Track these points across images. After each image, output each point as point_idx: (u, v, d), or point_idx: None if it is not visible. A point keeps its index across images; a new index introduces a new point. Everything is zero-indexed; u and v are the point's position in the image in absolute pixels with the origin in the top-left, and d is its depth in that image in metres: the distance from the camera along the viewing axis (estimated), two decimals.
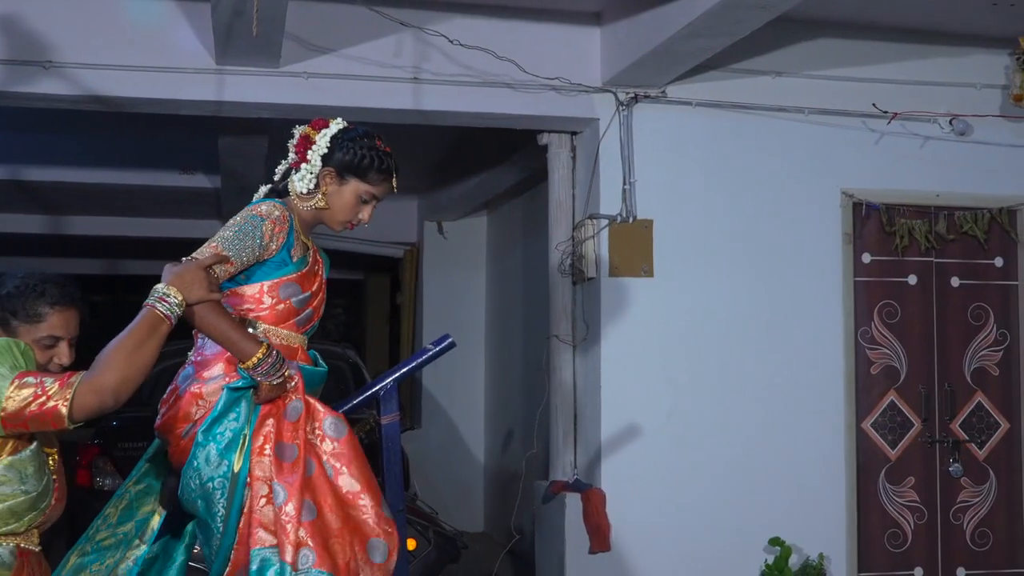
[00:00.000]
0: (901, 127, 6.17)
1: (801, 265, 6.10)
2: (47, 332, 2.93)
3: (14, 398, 2.63)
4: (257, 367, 3.17)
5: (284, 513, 3.15)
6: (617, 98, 5.95)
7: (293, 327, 3.37)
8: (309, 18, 5.54)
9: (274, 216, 3.28)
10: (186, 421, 3.27)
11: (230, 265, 3.20)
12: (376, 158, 3.40)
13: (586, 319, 6.07)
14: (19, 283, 2.95)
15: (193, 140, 7.93)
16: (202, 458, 3.20)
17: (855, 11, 5.75)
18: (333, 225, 3.46)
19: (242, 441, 3.21)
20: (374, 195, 3.43)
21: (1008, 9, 5.48)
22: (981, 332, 6.31)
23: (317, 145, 3.38)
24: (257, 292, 3.31)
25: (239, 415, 3.23)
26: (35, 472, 2.78)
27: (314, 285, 3.43)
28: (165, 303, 2.90)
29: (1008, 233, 6.32)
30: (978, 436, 6.27)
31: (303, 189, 3.39)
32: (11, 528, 2.76)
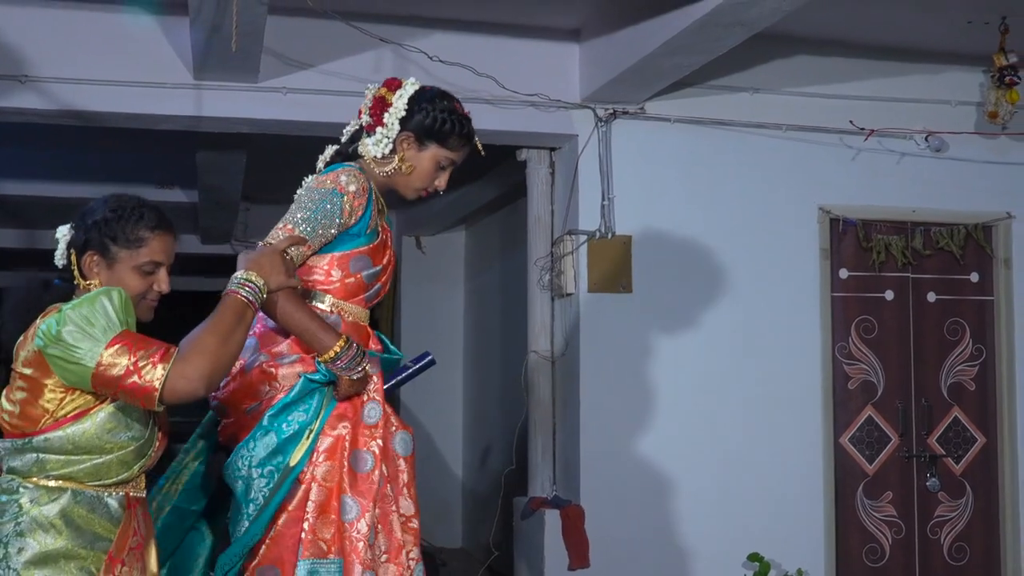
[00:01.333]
0: (878, 144, 6.20)
1: (779, 280, 6.12)
2: (148, 257, 2.80)
3: (106, 366, 2.55)
4: (336, 360, 3.03)
5: (355, 530, 3.02)
6: (596, 114, 5.96)
7: (362, 302, 3.24)
8: (288, 33, 5.53)
9: (353, 188, 3.12)
10: (254, 399, 3.12)
11: (307, 248, 3.08)
12: (457, 122, 3.25)
13: (565, 335, 6.07)
14: (115, 207, 2.82)
15: (170, 154, 7.90)
16: (261, 442, 3.05)
17: (832, 29, 5.78)
18: (407, 192, 3.30)
19: (306, 436, 3.06)
20: (452, 161, 3.30)
21: (983, 27, 5.53)
22: (957, 347, 6.34)
23: (394, 107, 3.22)
24: (327, 264, 3.17)
25: (310, 408, 3.08)
26: (141, 416, 2.72)
27: (384, 258, 3.29)
28: (249, 288, 2.79)
29: (984, 249, 6.36)
30: (955, 451, 6.30)
31: (378, 154, 3.23)
32: (122, 477, 2.71)
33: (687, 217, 6.05)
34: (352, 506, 3.04)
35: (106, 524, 2.68)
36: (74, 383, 2.61)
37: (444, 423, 9.67)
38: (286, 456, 3.06)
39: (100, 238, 2.80)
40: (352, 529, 3.02)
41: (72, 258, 2.83)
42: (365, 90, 3.31)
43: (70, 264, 2.84)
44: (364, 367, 3.08)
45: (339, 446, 3.08)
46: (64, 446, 2.64)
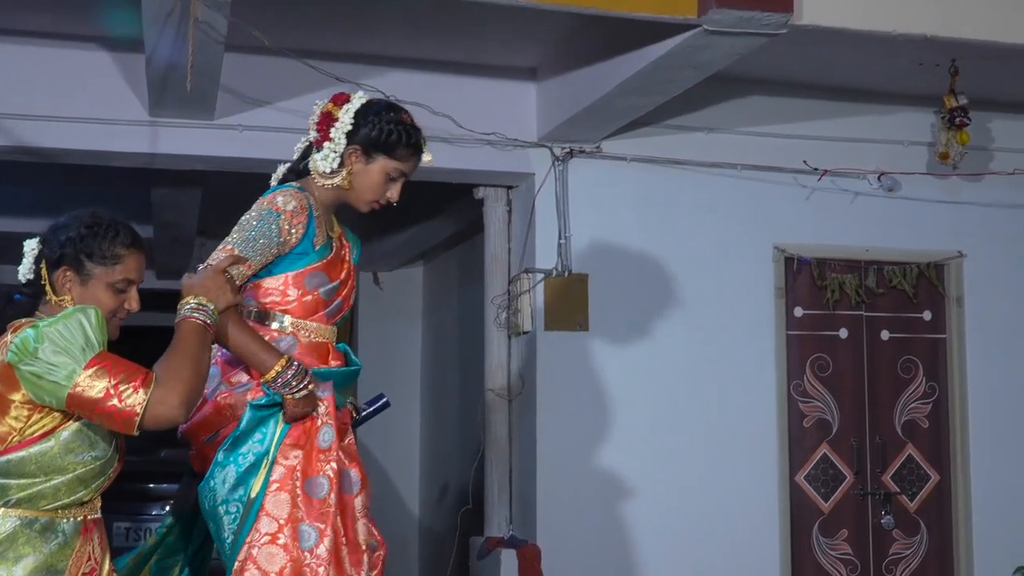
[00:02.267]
0: (831, 183, 6.26)
1: (734, 319, 6.15)
2: (123, 275, 2.80)
3: (84, 387, 2.54)
4: (276, 380, 3.02)
5: (315, 556, 2.99)
6: (552, 153, 5.99)
7: (323, 319, 3.22)
8: (244, 71, 5.52)
9: (290, 208, 3.11)
10: (211, 429, 3.12)
11: (247, 267, 3.07)
12: (404, 133, 3.23)
13: (522, 373, 6.07)
14: (90, 223, 2.81)
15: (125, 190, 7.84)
16: (219, 479, 3.04)
17: (786, 70, 5.84)
18: (359, 205, 3.29)
19: (264, 465, 3.04)
20: (402, 172, 3.28)
21: (934, 69, 5.60)
22: (911, 385, 6.39)
23: (340, 122, 3.20)
24: (281, 284, 3.16)
25: (264, 437, 3.06)
26: (105, 436, 2.69)
27: (341, 273, 3.28)
28: (203, 311, 2.81)
29: (936, 287, 6.42)
30: (909, 488, 6.33)
31: (327, 168, 3.22)
32: (78, 497, 2.67)
33: (643, 255, 6.07)
34: (310, 533, 3.01)
35: (58, 553, 2.64)
36: (47, 402, 2.59)
37: (401, 460, 9.63)
38: (247, 489, 3.04)
39: (75, 254, 2.78)
40: (312, 556, 3.00)
41: (42, 273, 2.80)
42: (314, 106, 3.32)
43: (37, 279, 2.81)
44: (307, 386, 3.06)
45: (290, 476, 3.06)
46: (26, 467, 2.61)
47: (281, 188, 3.20)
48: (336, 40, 5.49)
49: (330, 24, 5.25)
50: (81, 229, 2.79)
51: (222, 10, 4.29)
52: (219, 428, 3.12)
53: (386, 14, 5.11)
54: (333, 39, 5.47)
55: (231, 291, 2.96)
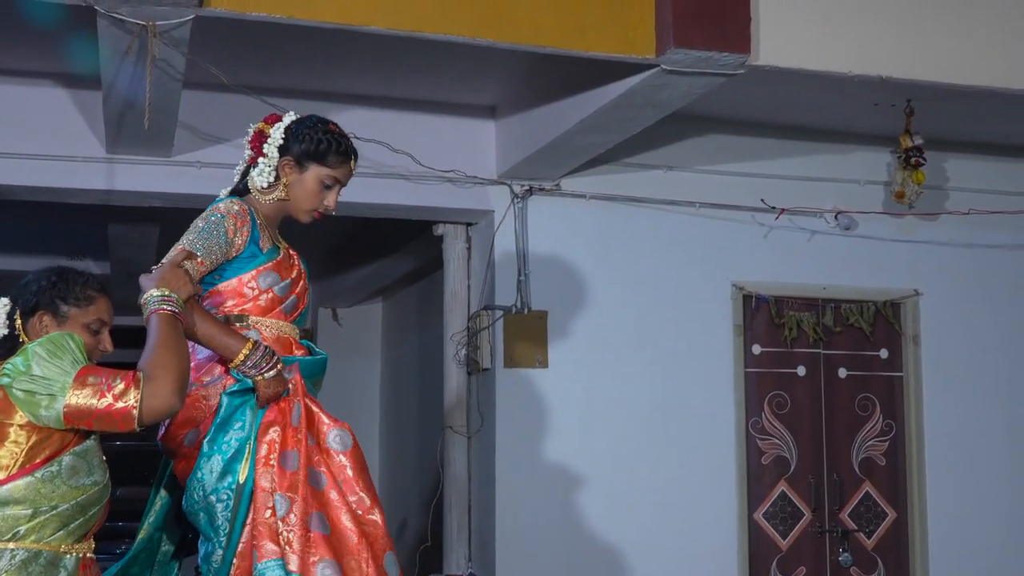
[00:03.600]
0: (789, 222, 6.31)
1: (693, 356, 6.16)
2: (96, 316, 2.95)
3: (78, 394, 2.64)
4: (245, 362, 3.11)
5: (286, 523, 3.05)
6: (512, 190, 6.00)
7: (281, 315, 3.32)
8: (202, 108, 5.51)
9: (233, 211, 3.24)
10: (189, 426, 3.20)
11: (200, 264, 3.14)
12: (333, 140, 3.37)
13: (481, 410, 6.05)
14: (59, 272, 2.98)
15: (82, 226, 7.79)
16: (207, 469, 3.13)
17: (744, 109, 5.89)
18: (300, 216, 3.40)
19: (247, 451, 3.13)
20: (336, 179, 3.39)
21: (889, 110, 5.66)
22: (868, 422, 6.43)
23: (272, 138, 3.36)
24: (236, 285, 3.27)
25: (244, 423, 3.16)
26: (100, 463, 2.80)
27: (293, 272, 3.38)
28: (170, 302, 2.90)
29: (893, 325, 6.47)
30: (866, 525, 6.35)
31: (263, 183, 3.36)
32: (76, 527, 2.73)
33: (602, 293, 6.08)
34: (281, 502, 3.08)
35: None
36: (45, 418, 2.66)
37: None
38: (234, 475, 3.12)
39: (50, 299, 2.93)
40: (284, 524, 3.06)
41: (17, 324, 2.93)
42: (248, 129, 3.44)
43: (12, 332, 2.93)
44: (275, 366, 3.15)
45: (271, 449, 3.14)
46: (31, 495, 2.67)
47: (223, 199, 3.34)
48: (295, 77, 5.48)
49: (289, 61, 5.24)
50: (52, 277, 2.96)
51: (180, 47, 4.28)
52: (197, 424, 3.20)
53: (345, 52, 5.11)
54: (292, 76, 5.46)
55: (190, 282, 3.03)
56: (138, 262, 8.00)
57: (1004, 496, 6.49)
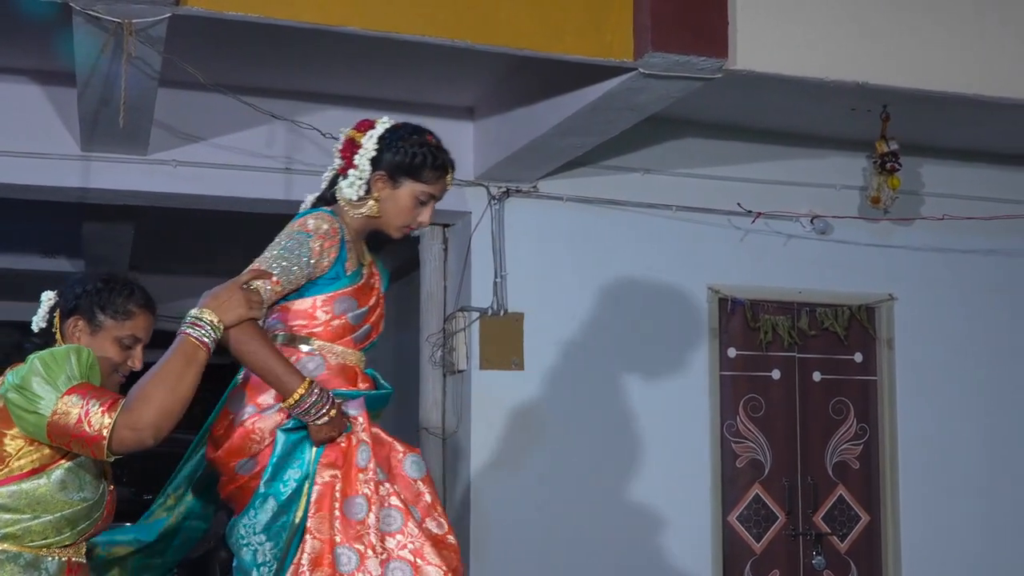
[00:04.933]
0: (765, 225, 6.32)
1: (669, 359, 6.17)
2: (130, 332, 2.89)
3: (60, 415, 2.56)
4: (298, 404, 2.90)
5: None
6: (489, 192, 5.99)
7: (350, 343, 3.13)
8: (179, 106, 5.48)
9: (323, 230, 3.03)
10: (241, 455, 3.01)
11: (276, 284, 2.96)
12: (429, 155, 3.16)
13: (456, 412, 6.04)
14: (106, 279, 2.93)
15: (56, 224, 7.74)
16: (262, 509, 2.96)
17: (721, 113, 5.91)
18: (390, 231, 3.21)
19: (304, 491, 2.96)
20: (431, 194, 3.18)
21: (865, 115, 5.68)
22: (842, 426, 6.45)
23: (364, 148, 3.14)
24: (309, 307, 3.08)
25: (302, 462, 2.97)
26: (93, 479, 2.72)
27: (371, 299, 3.21)
28: (198, 328, 2.72)
29: (867, 330, 6.50)
30: (840, 529, 6.37)
31: (353, 196, 3.14)
32: (63, 538, 2.68)
33: (579, 295, 6.08)
34: (350, 556, 2.92)
35: None
36: (31, 433, 2.61)
37: None
38: (290, 515, 2.97)
39: (89, 305, 2.87)
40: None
41: (55, 322, 2.90)
42: (339, 133, 3.25)
43: (49, 328, 2.91)
44: (329, 412, 2.94)
45: (328, 495, 2.97)
46: (16, 502, 2.63)
47: (314, 211, 3.13)
48: (272, 77, 5.47)
49: (266, 61, 5.23)
50: (98, 283, 2.91)
51: (156, 46, 4.26)
52: (251, 455, 3.03)
53: (323, 52, 5.10)
54: (269, 76, 5.44)
55: (245, 304, 2.85)
56: (113, 261, 7.96)
57: (977, 500, 6.53)
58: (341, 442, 3.02)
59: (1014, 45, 5.12)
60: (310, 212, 3.13)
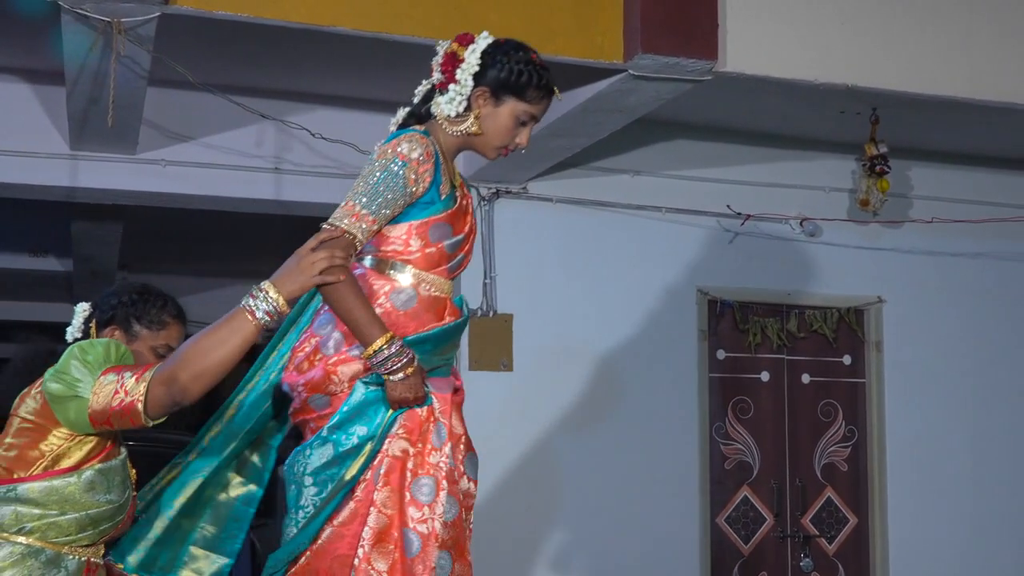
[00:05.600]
0: (754, 227, 6.33)
1: (657, 360, 6.17)
2: (165, 341, 3.01)
3: (98, 395, 2.64)
4: (375, 356, 2.81)
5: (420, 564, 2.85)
6: (479, 193, 5.99)
7: (444, 273, 3.01)
8: (168, 106, 5.47)
9: (416, 154, 2.89)
10: (317, 390, 2.93)
11: (372, 223, 2.85)
12: (535, 73, 3.01)
13: None
14: (141, 291, 3.05)
15: (44, 223, 7.73)
16: (317, 452, 2.90)
17: (711, 115, 5.91)
18: (487, 152, 3.07)
19: (365, 452, 2.88)
20: (533, 115, 3.05)
21: (855, 117, 5.70)
22: (830, 428, 6.46)
23: (467, 63, 2.99)
24: (404, 233, 2.96)
25: (372, 422, 2.89)
26: (120, 483, 2.80)
27: (465, 226, 3.07)
28: (252, 298, 2.66)
29: (856, 332, 6.51)
30: (828, 531, 6.39)
31: (452, 112, 2.99)
32: (84, 537, 2.74)
33: (568, 296, 6.08)
34: (413, 540, 2.88)
35: None
36: (73, 422, 2.67)
37: None
38: (342, 468, 2.90)
39: (125, 316, 2.99)
40: (416, 564, 2.87)
41: (91, 332, 3.00)
42: (436, 47, 3.10)
43: (85, 338, 2.95)
44: (405, 370, 2.84)
45: (399, 470, 2.90)
46: (45, 498, 2.68)
47: (405, 133, 2.97)
48: (262, 76, 5.45)
49: (256, 60, 5.22)
50: (133, 295, 3.03)
51: (145, 45, 4.25)
52: (325, 393, 2.94)
53: (312, 51, 5.08)
54: (259, 75, 5.43)
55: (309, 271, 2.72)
56: (101, 259, 7.95)
57: (965, 503, 6.54)
58: (420, 413, 2.94)
59: (1003, 49, 5.13)
60: (401, 133, 2.99)
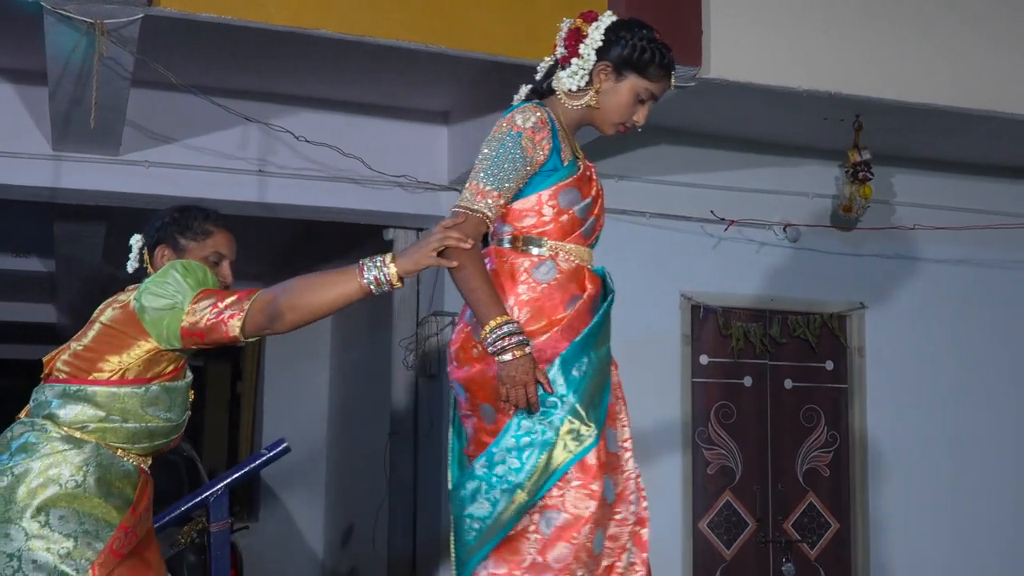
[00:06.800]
0: (738, 233, 6.34)
1: (641, 365, 6.15)
2: (213, 248, 3.06)
3: (195, 310, 2.75)
4: (488, 334, 2.81)
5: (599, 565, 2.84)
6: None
7: (580, 239, 3.06)
8: (152, 107, 5.46)
9: (531, 123, 2.94)
10: (489, 399, 2.90)
11: (498, 198, 2.89)
12: (657, 51, 3.06)
13: (429, 416, 6.03)
14: (180, 209, 3.12)
15: (27, 223, 7.70)
16: (468, 490, 2.88)
17: (695, 121, 5.92)
18: (604, 128, 3.11)
19: (515, 498, 2.84)
20: (652, 93, 3.08)
21: (838, 124, 5.71)
22: (812, 434, 6.47)
23: (590, 38, 3.04)
24: (535, 203, 2.99)
25: (522, 466, 2.84)
26: (181, 404, 2.92)
27: (592, 190, 3.11)
28: (370, 261, 2.74)
29: (838, 338, 6.52)
30: (809, 536, 6.40)
31: (573, 86, 3.05)
32: (139, 447, 2.85)
33: None
34: (600, 540, 2.92)
35: (122, 480, 2.82)
36: (163, 334, 2.77)
37: (306, 501, 9.51)
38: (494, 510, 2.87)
39: (170, 233, 3.05)
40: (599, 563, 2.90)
41: (145, 258, 3.08)
42: (560, 24, 3.14)
43: (141, 265, 3.09)
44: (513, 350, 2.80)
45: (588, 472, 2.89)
46: (110, 404, 2.80)
47: (518, 106, 3.03)
48: (245, 79, 5.45)
49: (239, 63, 5.21)
50: (174, 214, 3.10)
51: (129, 46, 4.24)
52: (490, 401, 2.92)
53: (296, 54, 5.09)
54: (243, 78, 5.43)
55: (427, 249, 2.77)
56: (84, 259, 7.92)
57: (946, 508, 6.56)
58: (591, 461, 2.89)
59: (986, 58, 5.16)
60: (515, 107, 3.04)
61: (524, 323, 2.92)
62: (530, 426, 2.87)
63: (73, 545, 2.68)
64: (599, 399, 3.02)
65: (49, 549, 2.66)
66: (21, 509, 2.68)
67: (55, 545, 2.67)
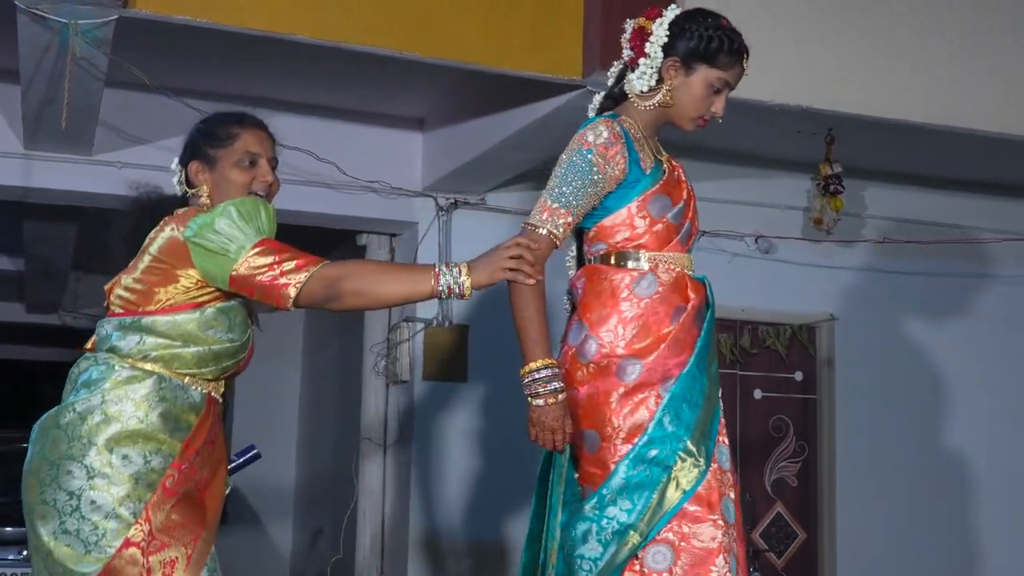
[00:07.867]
0: (710, 243, 6.36)
1: None
2: (243, 149, 2.91)
3: (251, 263, 2.67)
4: (526, 376, 2.83)
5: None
6: (437, 203, 6.00)
7: (678, 247, 2.98)
8: (125, 108, 5.44)
9: (602, 139, 2.88)
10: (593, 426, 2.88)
11: (566, 215, 2.85)
12: (725, 38, 2.96)
13: (399, 422, 6.03)
14: (203, 120, 3.02)
15: None
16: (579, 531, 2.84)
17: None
18: (683, 124, 3.04)
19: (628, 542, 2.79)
20: (726, 81, 3.00)
21: (810, 138, 5.74)
22: (781, 444, 6.51)
23: (655, 35, 2.96)
24: (626, 217, 2.93)
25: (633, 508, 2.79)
26: (241, 323, 2.85)
27: (683, 193, 3.03)
28: (447, 268, 2.70)
29: (807, 349, 6.56)
30: (777, 546, 6.42)
31: (643, 87, 2.98)
32: (206, 371, 2.80)
33: None
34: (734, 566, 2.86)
35: (187, 412, 2.76)
36: (212, 275, 2.71)
37: (274, 505, 9.47)
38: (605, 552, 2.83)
39: (198, 147, 2.94)
40: None
41: (183, 176, 2.96)
42: (625, 25, 3.08)
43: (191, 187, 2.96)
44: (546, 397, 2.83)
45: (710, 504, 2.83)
46: (169, 331, 2.75)
47: (589, 123, 2.97)
48: (220, 82, 5.44)
49: (215, 66, 5.20)
50: (198, 125, 3.01)
51: (102, 47, 4.23)
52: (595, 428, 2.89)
53: (272, 58, 5.07)
54: (218, 80, 5.42)
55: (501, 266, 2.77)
56: (54, 259, 7.88)
57: (913, 520, 6.60)
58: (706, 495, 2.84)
59: (958, 73, 5.20)
60: (588, 123, 2.98)
61: (630, 341, 2.89)
62: (641, 466, 2.83)
63: (132, 486, 2.65)
64: (709, 427, 2.96)
65: (110, 491, 2.63)
66: (84, 446, 2.65)
67: (116, 487, 2.63)
